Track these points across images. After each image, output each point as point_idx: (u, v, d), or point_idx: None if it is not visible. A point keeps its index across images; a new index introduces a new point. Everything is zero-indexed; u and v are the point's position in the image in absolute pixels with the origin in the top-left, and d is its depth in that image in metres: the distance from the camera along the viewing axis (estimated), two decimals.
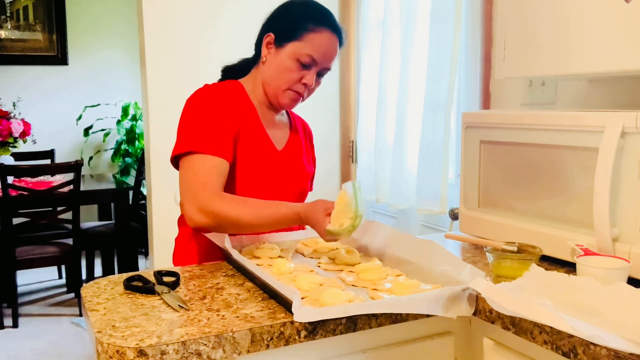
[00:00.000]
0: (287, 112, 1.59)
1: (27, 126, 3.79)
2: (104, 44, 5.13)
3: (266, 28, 1.45)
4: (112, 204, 4.01)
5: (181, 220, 1.49)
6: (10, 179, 3.33)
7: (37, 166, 3.43)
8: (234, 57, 1.58)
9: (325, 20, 1.39)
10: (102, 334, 0.89)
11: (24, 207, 3.40)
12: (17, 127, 3.72)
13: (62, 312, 3.70)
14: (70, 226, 3.50)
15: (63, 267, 4.29)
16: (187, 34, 2.70)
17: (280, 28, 1.41)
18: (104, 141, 5.18)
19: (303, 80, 1.40)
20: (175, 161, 1.37)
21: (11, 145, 3.78)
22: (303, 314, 0.92)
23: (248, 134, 1.42)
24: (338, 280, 1.14)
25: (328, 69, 1.44)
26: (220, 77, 1.57)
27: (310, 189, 1.67)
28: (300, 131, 1.59)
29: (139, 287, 1.10)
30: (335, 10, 2.96)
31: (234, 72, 1.53)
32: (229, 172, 1.37)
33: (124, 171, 4.97)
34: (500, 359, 1.05)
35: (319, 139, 1.71)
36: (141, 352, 0.84)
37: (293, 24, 1.39)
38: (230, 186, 1.38)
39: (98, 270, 4.19)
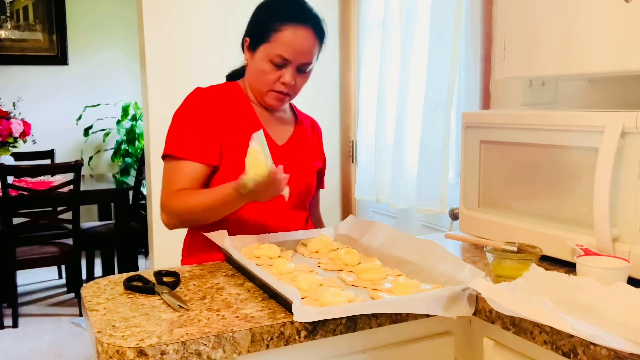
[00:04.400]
0: (292, 109, 1.61)
1: (27, 126, 3.79)
2: (104, 44, 5.13)
3: (245, 32, 1.47)
4: (112, 204, 4.01)
5: None
6: (10, 179, 3.32)
7: (37, 166, 3.43)
8: (233, 57, 1.58)
9: (291, 16, 1.38)
10: (102, 334, 0.89)
11: (24, 207, 3.40)
12: (17, 127, 3.72)
13: (62, 312, 3.70)
14: (70, 226, 3.50)
15: (63, 267, 4.29)
16: (187, 34, 2.70)
17: (252, 32, 1.44)
18: (104, 141, 5.18)
19: (281, 80, 1.41)
20: None
21: (11, 145, 3.78)
22: (303, 314, 0.92)
23: (243, 133, 1.43)
24: (338, 280, 1.14)
25: (308, 63, 1.42)
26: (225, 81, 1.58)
27: (322, 186, 1.68)
28: (307, 127, 1.60)
29: (139, 287, 1.10)
30: (335, 10, 2.96)
31: (237, 76, 1.56)
32: (228, 171, 1.39)
33: (124, 171, 4.97)
34: (500, 359, 1.05)
35: None
36: (141, 352, 0.84)
37: (260, 26, 1.41)
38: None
39: (98, 270, 4.19)
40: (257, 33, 1.42)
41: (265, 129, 1.47)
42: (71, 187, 3.39)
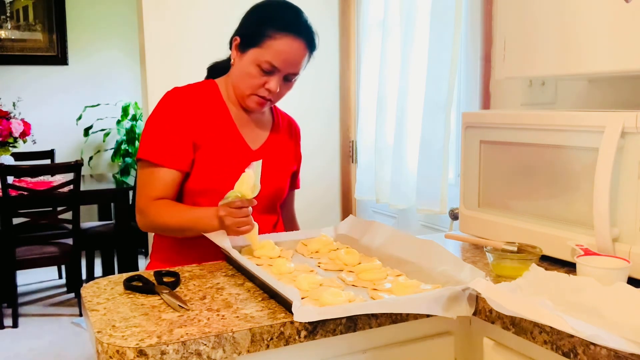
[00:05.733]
0: (271, 109, 1.60)
1: (27, 126, 3.79)
2: (104, 44, 5.13)
3: (236, 30, 1.46)
4: (112, 204, 4.01)
5: None
6: (10, 179, 3.32)
7: (37, 166, 3.43)
8: (226, 55, 1.58)
9: (287, 27, 1.37)
10: (102, 334, 0.89)
11: (24, 207, 3.39)
12: (17, 127, 3.72)
13: (62, 312, 3.70)
14: (70, 226, 3.49)
15: (63, 267, 4.29)
16: (187, 34, 2.70)
17: (244, 33, 1.42)
18: (104, 141, 5.18)
19: (266, 86, 1.40)
20: None
21: (11, 145, 3.77)
22: (303, 314, 0.92)
23: (216, 134, 1.43)
24: (338, 280, 1.14)
25: (295, 74, 1.43)
26: (206, 74, 1.58)
27: (297, 187, 1.68)
28: (283, 130, 1.59)
29: (139, 287, 1.10)
30: (335, 10, 2.96)
31: (219, 69, 1.54)
32: (192, 174, 1.41)
33: (124, 171, 4.97)
34: (500, 359, 1.05)
35: (319, 138, 1.72)
36: (141, 352, 0.84)
37: (254, 30, 1.40)
38: (202, 187, 1.41)
39: (98, 270, 4.19)
40: (249, 35, 1.40)
41: (240, 131, 1.47)
42: (71, 187, 3.39)
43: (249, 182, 1.25)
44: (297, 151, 1.65)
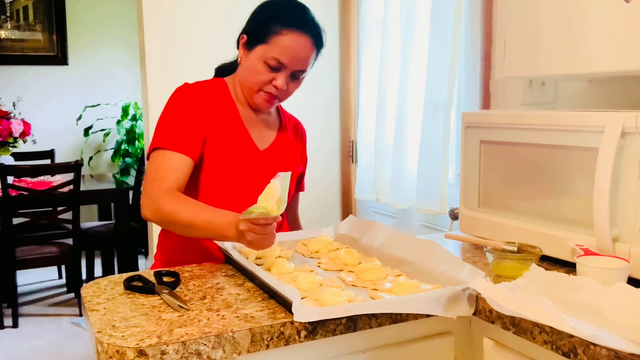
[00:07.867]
0: (278, 111, 1.59)
1: (27, 126, 3.79)
2: (104, 44, 5.13)
3: (243, 29, 1.46)
4: (112, 204, 4.01)
5: None
6: (10, 179, 3.32)
7: (37, 166, 3.43)
8: (233, 57, 1.58)
9: (293, 22, 1.37)
10: (102, 334, 0.89)
11: (24, 207, 3.39)
12: (17, 127, 3.72)
13: (62, 312, 3.70)
14: (70, 226, 3.49)
15: (63, 267, 4.29)
16: (187, 34, 2.70)
17: (251, 30, 1.42)
18: (104, 141, 5.18)
19: (273, 83, 1.40)
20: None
21: (11, 145, 3.78)
22: (303, 314, 0.92)
23: (225, 132, 1.42)
24: (338, 280, 1.14)
25: (303, 70, 1.42)
26: (214, 74, 1.58)
27: (302, 189, 1.67)
28: (290, 131, 1.59)
29: (139, 287, 1.10)
30: (335, 10, 2.96)
31: (227, 71, 1.54)
32: (203, 170, 1.39)
33: (124, 171, 4.97)
34: (500, 359, 1.05)
35: (319, 139, 1.72)
36: (141, 352, 0.84)
37: (261, 26, 1.39)
38: (206, 184, 1.40)
39: (98, 270, 4.19)
40: (256, 32, 1.40)
41: (248, 130, 1.47)
42: (71, 187, 3.39)
43: (275, 196, 1.14)
44: (303, 153, 1.64)
